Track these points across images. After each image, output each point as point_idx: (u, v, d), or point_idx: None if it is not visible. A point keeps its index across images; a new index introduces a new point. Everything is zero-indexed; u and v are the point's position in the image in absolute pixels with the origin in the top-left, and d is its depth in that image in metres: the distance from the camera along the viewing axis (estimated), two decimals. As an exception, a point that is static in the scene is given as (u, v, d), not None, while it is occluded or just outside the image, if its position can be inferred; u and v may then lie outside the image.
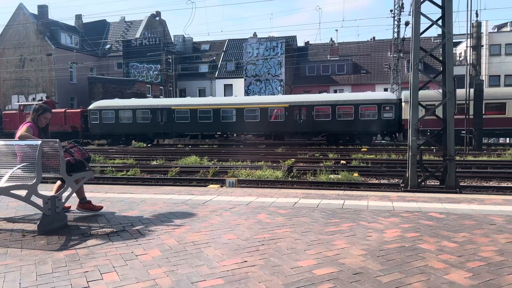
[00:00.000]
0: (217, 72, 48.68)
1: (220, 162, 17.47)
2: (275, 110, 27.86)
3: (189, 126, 29.34)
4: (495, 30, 49.53)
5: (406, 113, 24.83)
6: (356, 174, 12.99)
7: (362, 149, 22.71)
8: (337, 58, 47.48)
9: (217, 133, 29.36)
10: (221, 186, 9.92)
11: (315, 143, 27.64)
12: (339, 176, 12.82)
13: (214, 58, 50.31)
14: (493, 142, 28.90)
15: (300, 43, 54.44)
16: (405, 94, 25.62)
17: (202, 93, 48.71)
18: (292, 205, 6.10)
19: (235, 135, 29.98)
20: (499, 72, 42.64)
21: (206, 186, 10.43)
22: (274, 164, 16.09)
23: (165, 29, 56.54)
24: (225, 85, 47.59)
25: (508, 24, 50.39)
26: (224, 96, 44.04)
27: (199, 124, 29.15)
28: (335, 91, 43.49)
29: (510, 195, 9.41)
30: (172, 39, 55.59)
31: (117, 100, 32.73)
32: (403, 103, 25.53)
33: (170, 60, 48.73)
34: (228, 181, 10.18)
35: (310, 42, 52.76)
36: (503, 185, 11.75)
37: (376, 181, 12.64)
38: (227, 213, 5.56)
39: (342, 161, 16.71)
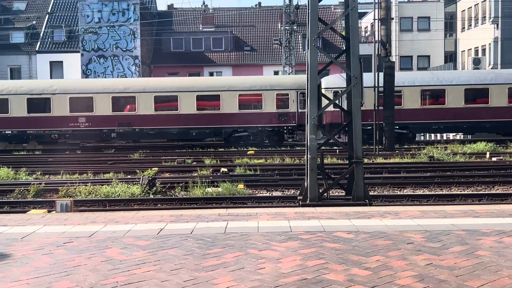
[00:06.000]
0: (38, 43, 45.95)
1: (47, 176, 16.87)
2: None
3: None
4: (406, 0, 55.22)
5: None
6: (241, 186, 13.45)
7: (248, 152, 23.45)
8: (213, 29, 48.34)
9: None
10: (50, 211, 9.63)
11: (185, 146, 27.76)
12: (220, 189, 13.16)
13: (34, 22, 47.47)
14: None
15: (162, 6, 54.34)
16: None
17: (16, 73, 45.39)
18: (157, 233, 6.11)
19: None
20: (411, 52, 47.45)
21: (25, 212, 10.02)
22: (129, 176, 16.00)
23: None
24: (51, 62, 45.08)
25: (420, -7, 56.43)
26: (51, 78, 41.63)
27: None
28: (211, 74, 44.19)
29: (427, 204, 10.58)
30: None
31: None
32: None
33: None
34: (59, 204, 9.89)
35: (175, 6, 52.87)
36: (419, 192, 13.17)
37: (268, 194, 13.30)
38: (60, 251, 5.37)
39: (222, 169, 17.09)
